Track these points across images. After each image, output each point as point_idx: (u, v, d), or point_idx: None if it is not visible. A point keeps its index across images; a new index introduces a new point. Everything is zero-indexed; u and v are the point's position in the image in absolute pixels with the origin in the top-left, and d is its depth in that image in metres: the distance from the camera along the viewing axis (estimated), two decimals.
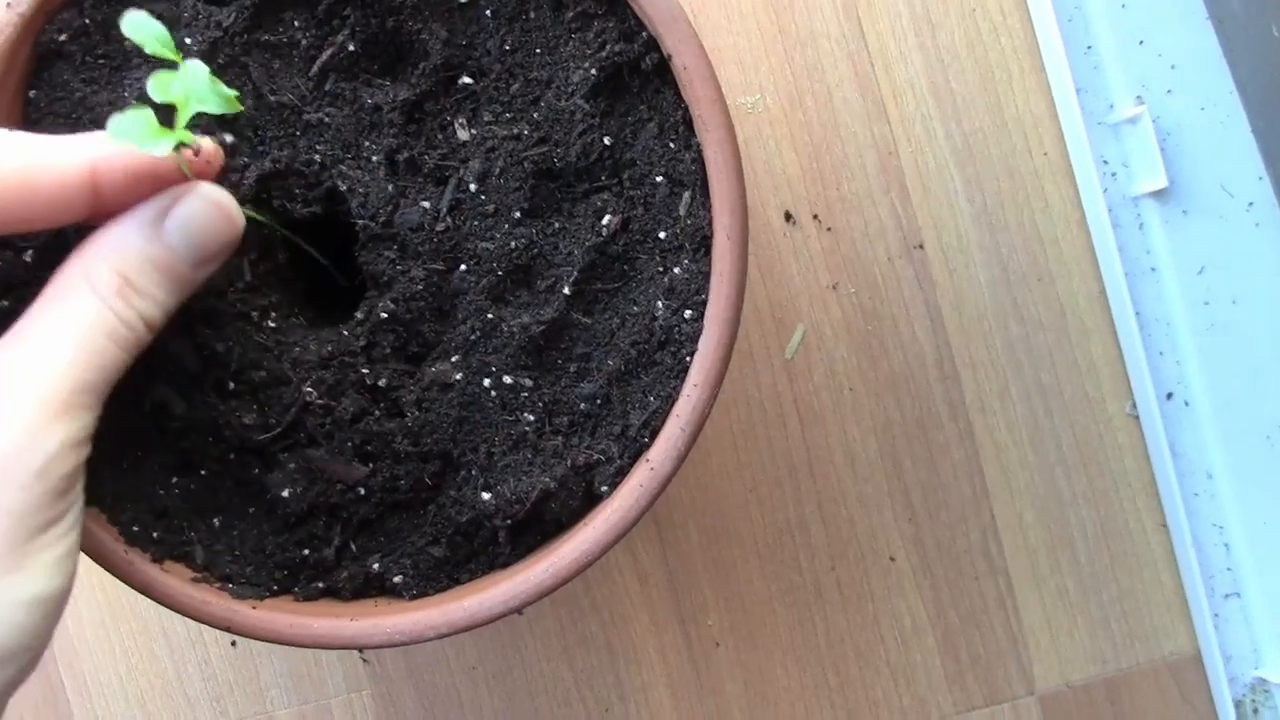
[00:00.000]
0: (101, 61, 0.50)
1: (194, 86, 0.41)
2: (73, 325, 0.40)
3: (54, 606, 0.39)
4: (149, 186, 0.42)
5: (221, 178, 0.45)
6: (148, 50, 0.41)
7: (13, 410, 0.38)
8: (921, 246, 0.66)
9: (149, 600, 0.49)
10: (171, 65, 0.41)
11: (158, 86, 0.41)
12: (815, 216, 0.66)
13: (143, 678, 0.68)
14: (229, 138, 0.48)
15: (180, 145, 0.41)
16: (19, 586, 0.38)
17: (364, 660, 0.68)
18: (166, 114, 0.41)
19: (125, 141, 0.39)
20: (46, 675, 0.68)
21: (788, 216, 0.66)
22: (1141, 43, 0.65)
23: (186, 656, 0.68)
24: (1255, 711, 0.66)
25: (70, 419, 0.39)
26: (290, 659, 0.68)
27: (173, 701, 0.68)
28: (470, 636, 0.67)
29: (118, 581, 0.48)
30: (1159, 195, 0.65)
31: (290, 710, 0.68)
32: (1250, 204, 0.65)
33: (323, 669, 0.68)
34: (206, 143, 0.44)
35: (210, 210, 0.42)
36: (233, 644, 0.68)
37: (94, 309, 0.40)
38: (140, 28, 0.41)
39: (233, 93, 0.42)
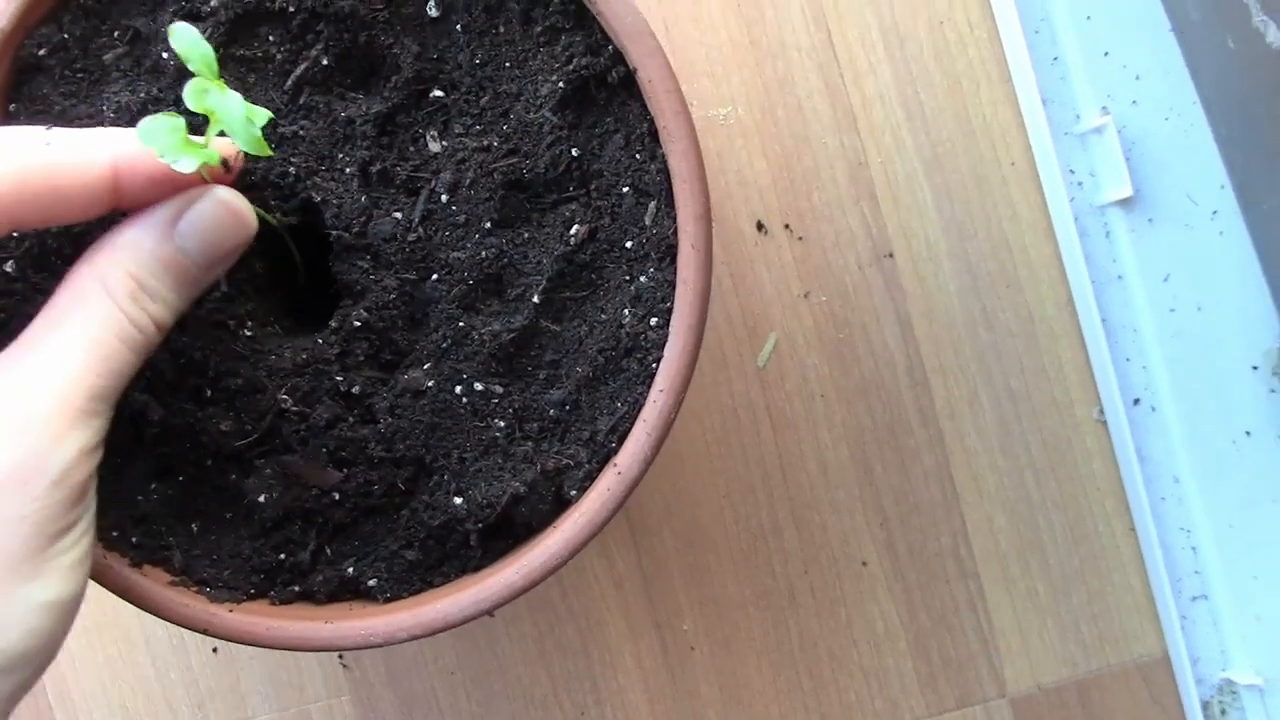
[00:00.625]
0: (80, 75, 0.51)
1: (229, 119, 0.41)
2: (87, 330, 0.40)
3: (69, 610, 0.40)
4: (168, 189, 0.43)
5: (258, 178, 0.46)
6: (191, 67, 0.41)
7: (30, 419, 0.38)
8: (891, 255, 0.67)
9: (131, 608, 0.49)
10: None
11: (194, 95, 0.41)
12: (787, 226, 0.67)
13: (125, 685, 0.69)
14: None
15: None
16: (37, 592, 0.39)
17: (344, 665, 0.68)
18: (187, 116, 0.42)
19: (153, 149, 0.40)
20: None
21: (759, 226, 0.67)
22: (1107, 54, 0.66)
23: (169, 664, 0.68)
24: (1223, 712, 0.67)
25: (85, 426, 0.40)
26: (270, 665, 0.68)
27: (155, 708, 0.69)
28: (448, 641, 0.68)
29: (101, 589, 0.49)
30: (1125, 204, 0.66)
31: (271, 716, 0.69)
32: (1214, 212, 0.66)
33: (302, 674, 0.69)
34: (227, 146, 0.45)
35: (223, 213, 0.43)
36: (214, 650, 0.68)
37: (107, 313, 0.41)
38: (189, 44, 0.41)
39: (260, 132, 0.42)
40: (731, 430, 0.68)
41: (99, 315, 0.41)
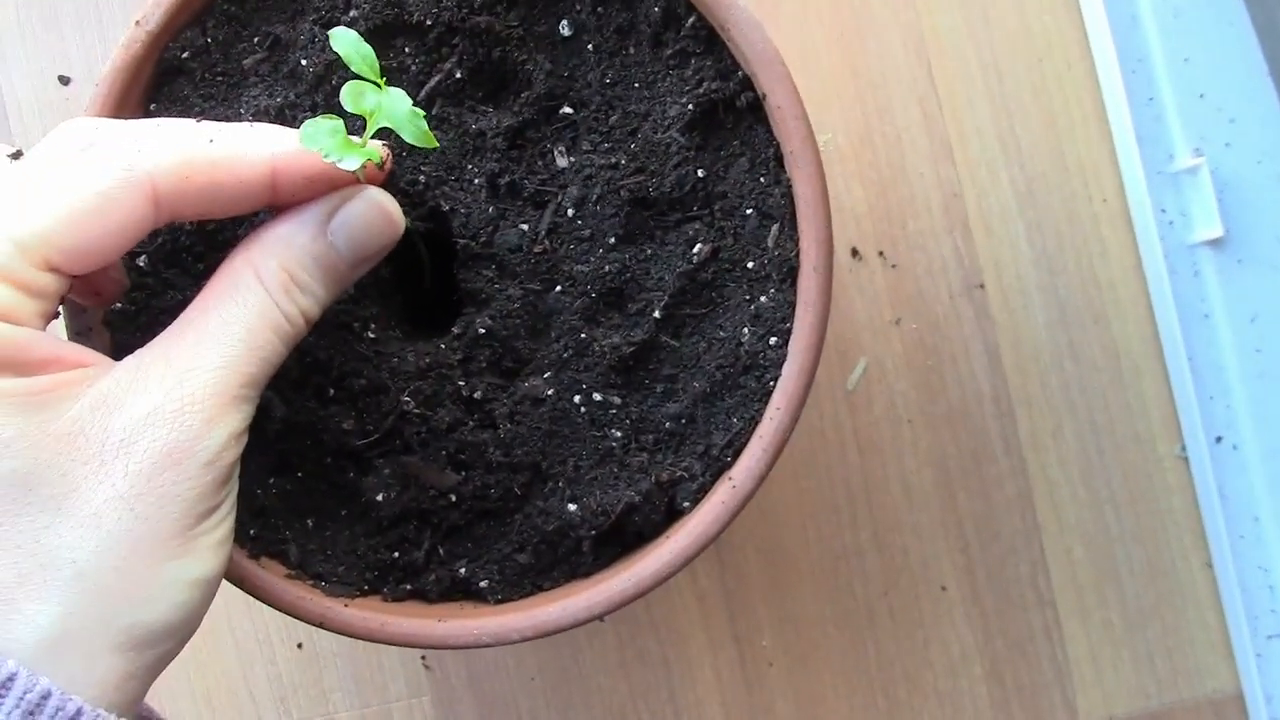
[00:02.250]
0: (220, 79, 0.52)
1: (395, 114, 0.43)
2: (242, 319, 0.42)
3: (211, 587, 0.42)
4: (322, 188, 0.44)
5: (386, 182, 0.48)
6: (353, 68, 0.43)
7: (186, 401, 0.40)
8: (982, 286, 0.69)
9: (217, 600, 0.51)
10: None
11: (351, 97, 0.43)
12: (880, 253, 0.69)
13: (210, 676, 0.70)
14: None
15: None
16: (186, 568, 0.40)
17: (426, 666, 0.70)
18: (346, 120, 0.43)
19: (315, 150, 0.41)
20: None
21: (854, 252, 0.69)
22: (1202, 96, 0.67)
23: (254, 657, 0.70)
24: None
25: (236, 411, 0.41)
26: (354, 663, 0.70)
27: (238, 701, 0.70)
28: (531, 647, 0.69)
29: None
30: (1215, 244, 0.67)
31: (352, 713, 0.70)
32: None
33: (385, 674, 0.70)
34: (381, 149, 0.46)
35: (376, 213, 0.45)
36: (299, 646, 0.70)
37: (262, 303, 0.42)
38: (351, 45, 0.43)
39: (425, 125, 0.44)
40: (819, 452, 0.69)
41: (254, 305, 0.42)
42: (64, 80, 0.70)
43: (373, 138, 0.44)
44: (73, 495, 0.38)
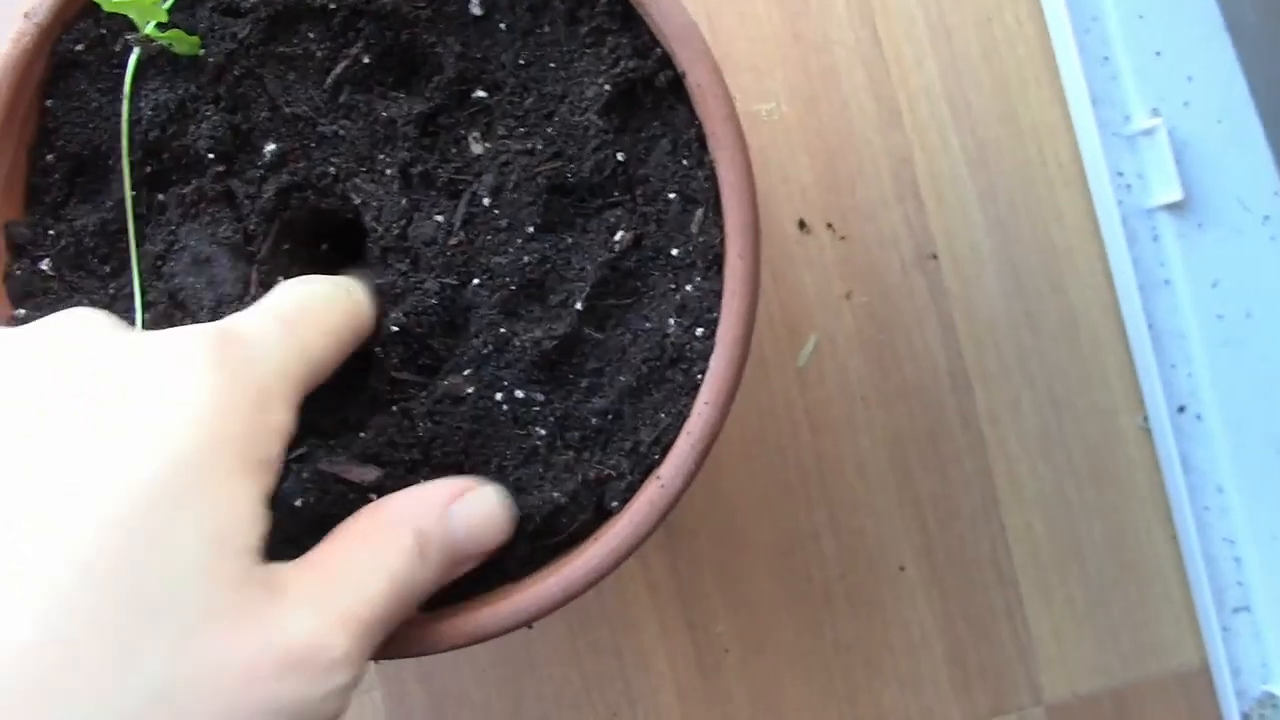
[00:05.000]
0: (117, 71, 0.50)
1: None
2: (385, 568, 0.42)
3: None
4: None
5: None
6: None
7: (325, 633, 0.39)
8: (935, 256, 0.66)
9: None
10: None
11: None
12: (829, 225, 0.66)
13: None
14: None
15: None
16: None
17: (374, 660, 0.68)
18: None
19: None
20: None
21: (801, 225, 0.66)
22: (1159, 54, 0.65)
23: None
24: None
25: (363, 643, 0.41)
26: None
27: None
28: None
29: None
30: (1174, 208, 0.65)
31: None
32: (1266, 218, 0.65)
33: None
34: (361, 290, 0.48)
35: (490, 513, 0.47)
36: None
37: (403, 561, 0.42)
38: None
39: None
40: (770, 431, 0.67)
41: (397, 559, 0.43)
42: None
43: None
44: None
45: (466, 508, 0.45)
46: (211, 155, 0.49)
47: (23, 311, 0.50)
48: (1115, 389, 0.67)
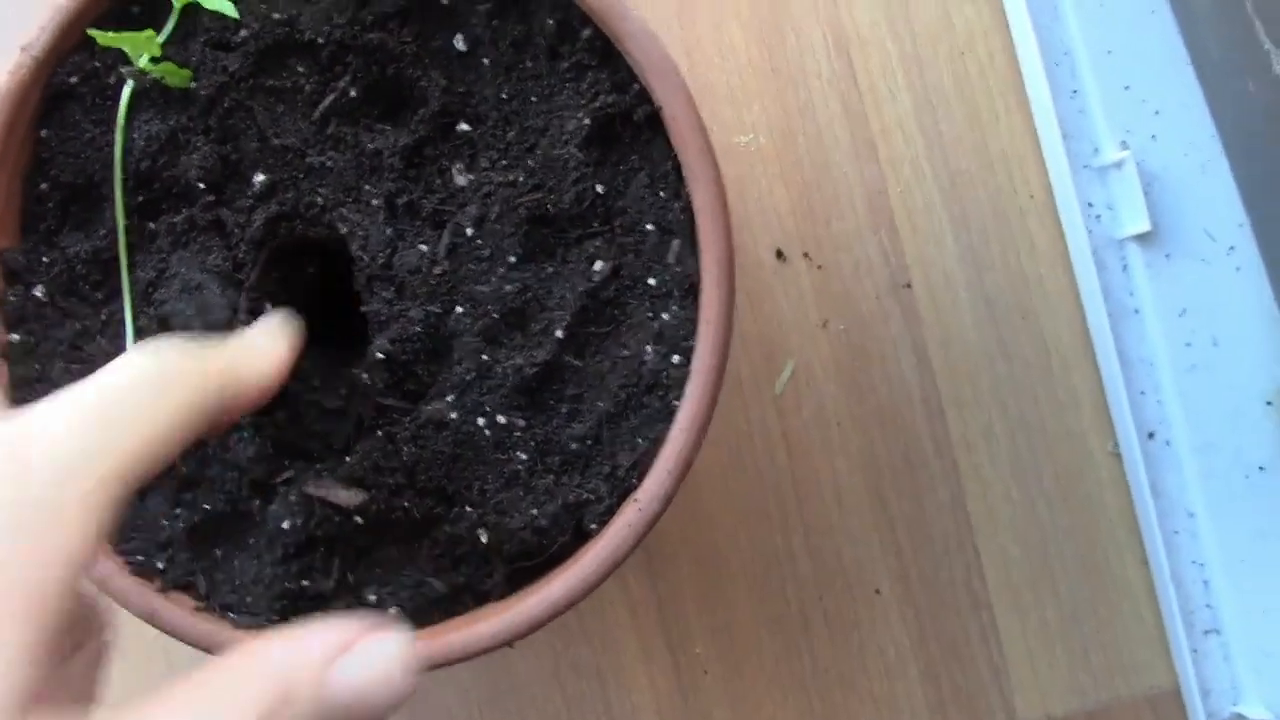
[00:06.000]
0: (111, 103, 0.51)
1: None
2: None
3: None
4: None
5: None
6: None
7: None
8: (909, 285, 0.68)
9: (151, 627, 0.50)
10: None
11: None
12: (806, 254, 0.68)
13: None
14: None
15: None
16: None
17: None
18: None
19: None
20: None
21: (779, 254, 0.68)
22: (1127, 88, 0.66)
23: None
24: None
25: None
26: None
27: None
28: None
29: (121, 610, 0.50)
30: (1143, 238, 0.66)
31: None
32: (1231, 248, 0.66)
33: None
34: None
35: (384, 673, 0.37)
36: None
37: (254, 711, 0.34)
38: None
39: None
40: (747, 456, 0.68)
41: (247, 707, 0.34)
42: None
43: None
44: None
45: (353, 666, 0.36)
46: (202, 185, 0.51)
47: (17, 337, 0.51)
48: (1086, 415, 0.68)
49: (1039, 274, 0.68)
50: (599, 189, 0.50)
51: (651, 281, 0.50)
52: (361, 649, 0.36)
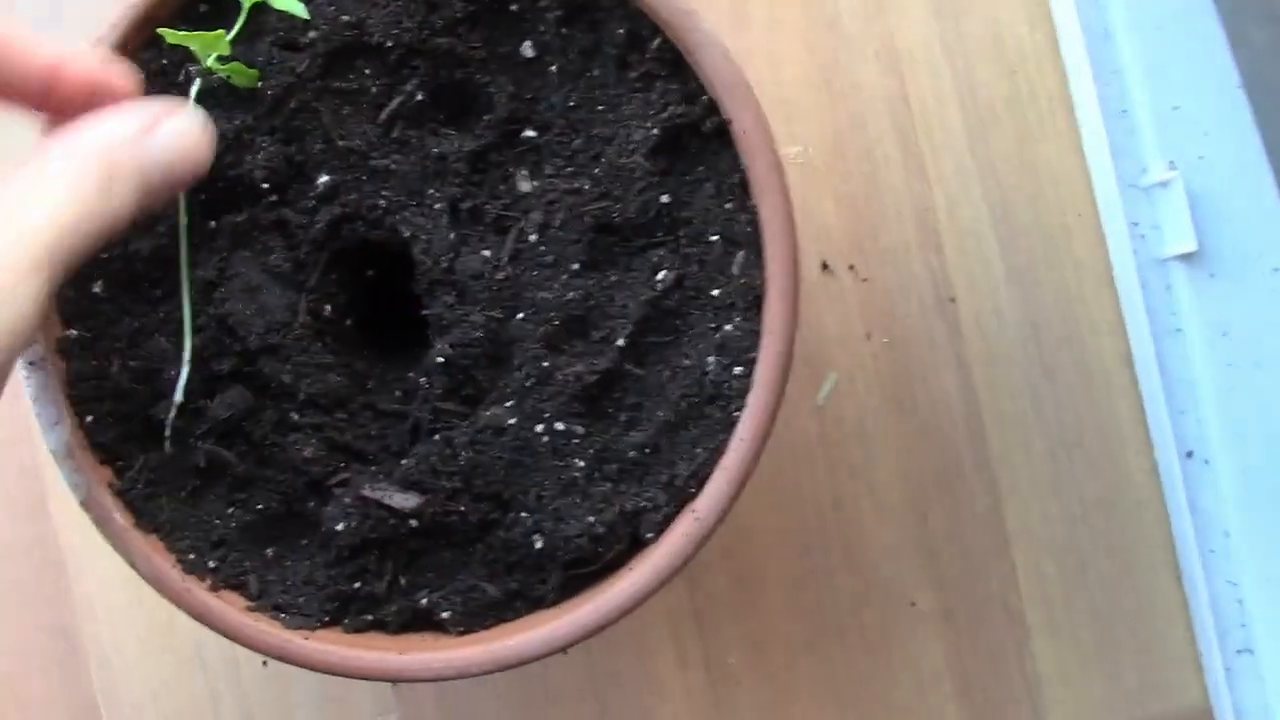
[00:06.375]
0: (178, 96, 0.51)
1: None
2: (61, 202, 0.39)
3: None
4: (105, 99, 0.43)
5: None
6: None
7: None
8: (954, 300, 0.68)
9: (187, 619, 0.50)
10: None
11: None
12: (851, 267, 0.68)
13: (178, 695, 0.69)
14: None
15: None
16: None
17: (393, 687, 0.69)
18: None
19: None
20: (80, 688, 0.69)
21: (825, 266, 0.68)
22: (1176, 109, 0.67)
23: (219, 675, 0.69)
24: None
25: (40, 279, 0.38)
26: (321, 681, 0.69)
27: (203, 718, 0.69)
28: None
29: (157, 602, 0.50)
30: (1187, 258, 0.66)
31: None
32: (1276, 270, 0.66)
33: (351, 691, 0.69)
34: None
35: (191, 140, 0.43)
36: (264, 664, 0.69)
37: (84, 194, 0.39)
38: None
39: None
40: (787, 467, 0.68)
41: (71, 192, 0.39)
42: None
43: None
44: None
45: (164, 135, 0.42)
46: (266, 185, 0.51)
47: (74, 332, 0.51)
48: (1125, 434, 0.69)
49: (1083, 292, 0.68)
50: (664, 199, 0.50)
51: (715, 292, 0.50)
52: (169, 121, 0.43)
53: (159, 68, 0.51)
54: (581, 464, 0.51)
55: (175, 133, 0.43)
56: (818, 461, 0.68)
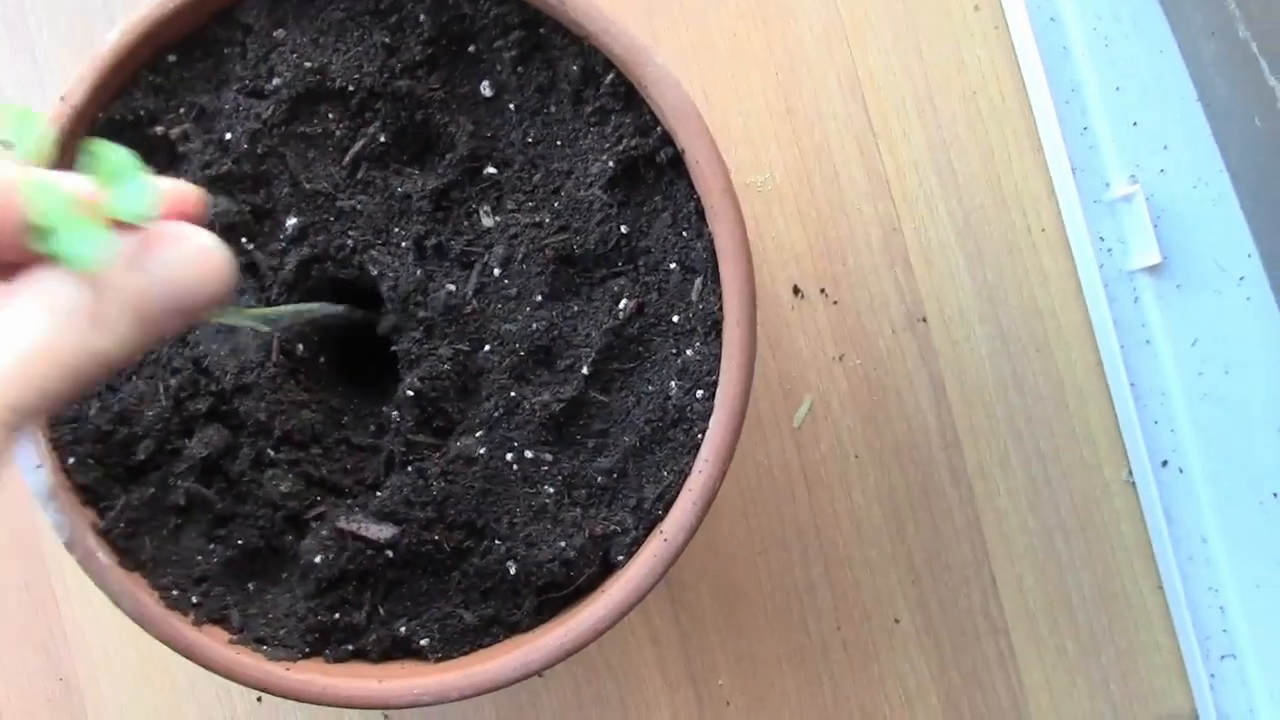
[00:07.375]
0: (148, 152, 0.53)
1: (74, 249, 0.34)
2: (33, 337, 0.33)
3: None
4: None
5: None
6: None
7: None
8: (925, 319, 0.69)
9: (180, 657, 0.51)
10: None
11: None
12: (822, 290, 0.69)
13: None
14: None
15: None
16: None
17: (384, 715, 0.70)
18: None
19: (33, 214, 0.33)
20: None
21: (796, 290, 0.69)
22: (1135, 124, 0.68)
23: (213, 712, 0.70)
24: None
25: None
26: (313, 712, 0.70)
27: None
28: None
29: (149, 640, 0.51)
30: (1153, 270, 0.67)
31: None
32: (1241, 278, 0.67)
33: None
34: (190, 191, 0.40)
35: (202, 258, 0.36)
36: (259, 699, 0.70)
37: (61, 327, 0.34)
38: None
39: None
40: (767, 489, 0.69)
41: (45, 326, 0.34)
42: None
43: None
44: None
45: (167, 256, 0.35)
46: (235, 228, 0.52)
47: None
48: (1100, 445, 0.69)
49: (1052, 307, 0.69)
50: (623, 229, 0.52)
51: (675, 319, 0.52)
52: (174, 241, 0.36)
53: (129, 119, 0.53)
54: (551, 490, 0.52)
55: (180, 251, 0.36)
56: (796, 482, 0.69)
